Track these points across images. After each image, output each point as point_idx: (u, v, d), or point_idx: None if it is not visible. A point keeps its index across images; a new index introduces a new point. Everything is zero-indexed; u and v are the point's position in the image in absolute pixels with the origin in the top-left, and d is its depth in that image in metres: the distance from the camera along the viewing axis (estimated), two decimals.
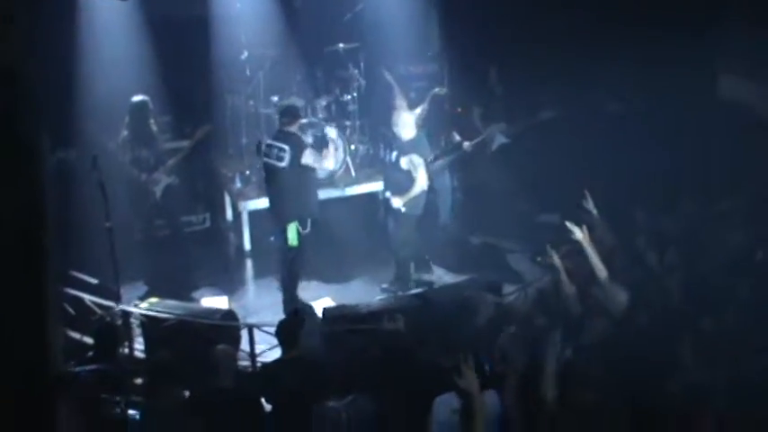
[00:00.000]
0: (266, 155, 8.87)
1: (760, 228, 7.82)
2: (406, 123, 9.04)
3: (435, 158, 9.75)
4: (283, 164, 8.74)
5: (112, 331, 7.17)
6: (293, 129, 8.90)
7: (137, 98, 9.42)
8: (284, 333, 6.70)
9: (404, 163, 8.94)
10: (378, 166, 11.01)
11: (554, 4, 10.02)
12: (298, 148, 8.77)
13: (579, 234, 7.04)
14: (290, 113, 8.98)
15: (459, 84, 10.82)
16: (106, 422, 5.45)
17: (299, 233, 8.83)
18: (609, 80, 9.82)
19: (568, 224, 7.12)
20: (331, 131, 9.69)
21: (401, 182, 9.05)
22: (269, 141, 8.95)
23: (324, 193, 10.36)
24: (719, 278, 6.92)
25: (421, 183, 8.98)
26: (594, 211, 7.73)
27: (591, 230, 7.20)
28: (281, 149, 8.76)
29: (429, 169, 9.15)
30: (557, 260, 7.03)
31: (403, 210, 9.06)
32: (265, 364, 7.00)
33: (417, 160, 8.94)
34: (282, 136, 8.86)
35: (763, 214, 8.09)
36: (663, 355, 5.59)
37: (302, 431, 5.59)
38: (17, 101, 2.67)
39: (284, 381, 6.29)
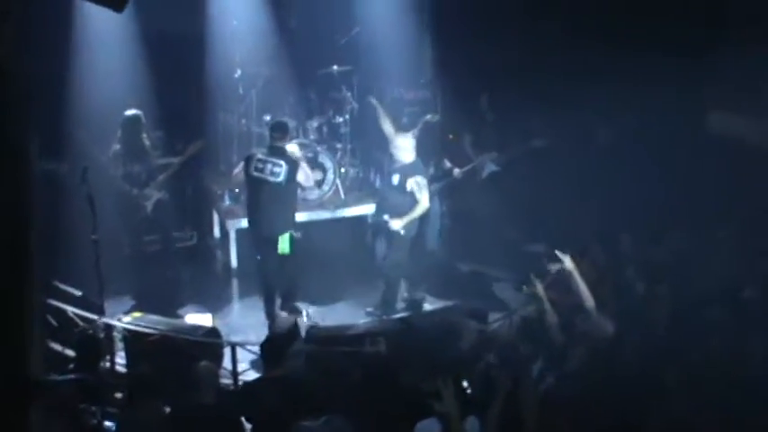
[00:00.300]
0: (258, 170, 8.90)
1: (748, 259, 7.87)
2: (407, 147, 9.14)
3: (430, 181, 9.79)
4: (279, 179, 8.86)
5: (94, 344, 7.13)
6: (285, 145, 8.98)
7: (130, 112, 9.42)
8: (269, 351, 6.67)
9: (410, 184, 9.02)
10: (367, 190, 11.05)
11: (547, 32, 10.09)
12: (293, 164, 8.93)
13: (568, 263, 7.07)
14: (281, 129, 9.09)
15: (451, 110, 10.85)
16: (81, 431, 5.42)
17: (292, 241, 8.96)
18: (600, 109, 9.88)
19: (558, 253, 7.15)
20: (322, 154, 9.77)
21: (401, 204, 9.12)
22: (260, 156, 8.99)
23: (313, 215, 10.41)
24: (706, 310, 6.94)
25: (424, 204, 9.12)
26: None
27: (579, 259, 7.23)
28: (277, 164, 8.86)
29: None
30: (540, 289, 7.05)
31: (402, 232, 9.11)
32: (247, 382, 6.97)
33: (422, 181, 9.10)
34: (276, 152, 8.94)
35: (750, 246, 8.14)
36: (646, 386, 5.59)
37: None
38: (6, 100, 2.67)
39: (265, 399, 6.26)
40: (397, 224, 9.09)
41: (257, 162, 8.94)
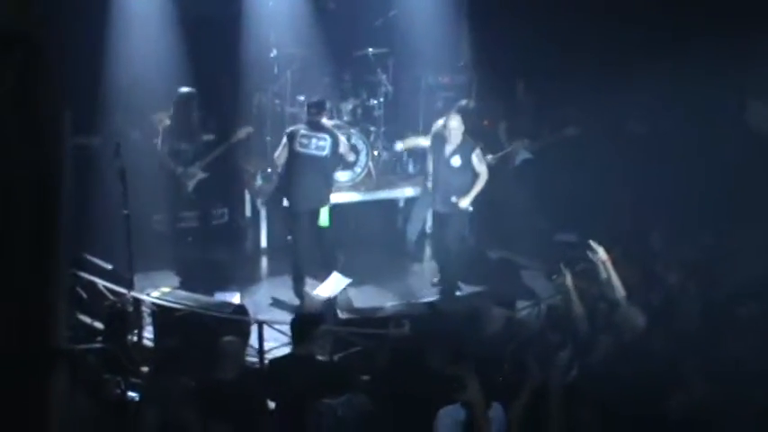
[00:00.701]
0: (304, 145, 9.07)
1: None
2: (457, 125, 9.16)
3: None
4: (324, 152, 9.11)
5: (122, 317, 7.20)
6: (324, 120, 9.19)
7: (184, 89, 9.42)
8: (298, 330, 6.66)
9: (475, 159, 9.17)
10: (400, 174, 11.03)
11: (586, 20, 9.97)
12: (336, 138, 9.22)
13: (602, 254, 7.03)
14: (318, 105, 9.27)
15: (486, 96, 10.78)
16: (105, 401, 5.46)
17: (331, 213, 9.29)
18: (636, 100, 9.76)
19: (592, 243, 7.11)
20: (355, 136, 9.83)
21: (464, 183, 9.24)
22: (304, 132, 9.12)
23: (344, 197, 10.42)
24: (737, 307, 6.87)
25: (485, 176, 9.25)
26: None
27: (612, 250, 7.18)
28: (322, 138, 9.10)
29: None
30: (569, 279, 7.01)
31: (470, 208, 9.39)
32: (274, 360, 6.94)
33: (480, 153, 9.24)
34: (317, 126, 9.14)
35: None
36: (672, 379, 5.54)
37: (300, 428, 5.57)
38: (36, 70, 2.67)
39: (291, 378, 6.26)
40: (465, 202, 9.24)
41: (302, 138, 9.08)
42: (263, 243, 10.48)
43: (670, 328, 6.42)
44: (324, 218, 9.25)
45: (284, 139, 9.25)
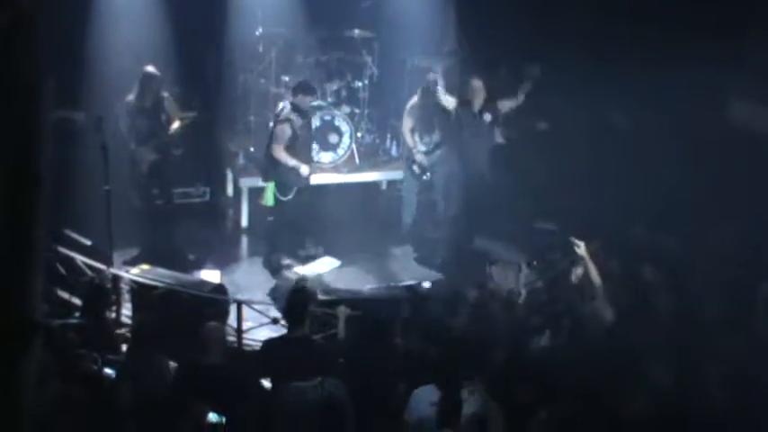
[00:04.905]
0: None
1: (757, 257, 7.83)
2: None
3: (435, 147, 9.76)
4: None
5: (101, 293, 7.18)
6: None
7: (149, 69, 9.38)
8: (295, 310, 6.59)
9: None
10: (382, 156, 11.04)
11: (572, 12, 9.98)
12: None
13: (582, 250, 7.06)
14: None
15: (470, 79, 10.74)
16: (82, 376, 5.46)
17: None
18: (620, 92, 9.79)
19: (573, 239, 7.14)
20: (339, 117, 9.83)
21: None
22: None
23: (326, 178, 10.42)
24: (710, 301, 6.95)
25: None
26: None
27: (590, 243, 7.23)
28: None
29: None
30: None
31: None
32: (269, 341, 6.79)
33: None
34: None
35: (762, 242, 8.09)
36: (637, 378, 5.59)
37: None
38: (20, 43, 2.67)
39: (287, 359, 6.23)
40: None
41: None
42: (244, 222, 10.47)
43: (641, 324, 6.49)
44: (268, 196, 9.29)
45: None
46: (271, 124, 9.53)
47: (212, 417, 5.43)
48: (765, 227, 8.41)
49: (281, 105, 9.36)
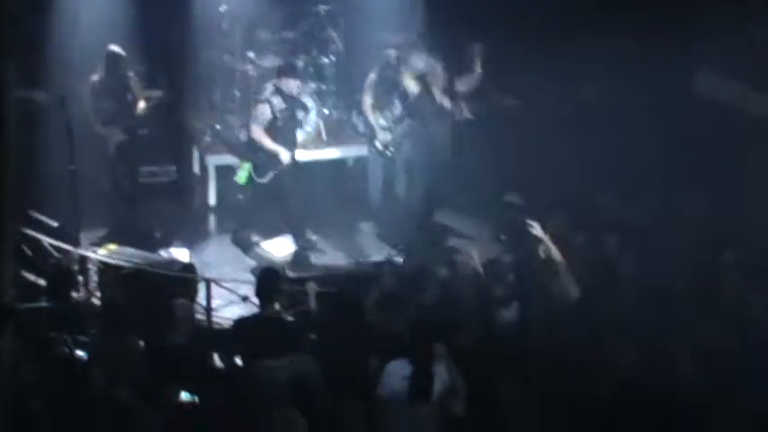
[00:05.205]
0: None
1: (721, 227, 7.94)
2: None
3: (396, 123, 9.77)
4: None
5: (68, 275, 7.14)
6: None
7: (113, 48, 9.27)
8: (266, 288, 6.57)
9: None
10: (349, 132, 11.01)
11: None
12: None
13: (537, 229, 7.10)
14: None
15: (436, 57, 10.74)
16: (53, 359, 5.45)
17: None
18: (587, 66, 9.83)
19: (529, 221, 7.17)
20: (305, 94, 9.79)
21: None
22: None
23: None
24: (675, 273, 7.04)
25: None
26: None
27: (551, 220, 7.28)
28: None
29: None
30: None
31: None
32: (241, 319, 6.80)
33: None
34: None
35: (726, 213, 8.21)
36: (605, 353, 5.66)
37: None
38: None
39: (259, 337, 6.24)
40: None
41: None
42: (212, 200, 10.43)
43: (607, 299, 6.57)
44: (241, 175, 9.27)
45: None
46: None
47: (184, 396, 5.44)
48: (729, 197, 8.53)
49: (266, 86, 9.29)
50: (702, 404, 4.68)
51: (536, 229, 7.09)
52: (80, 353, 5.77)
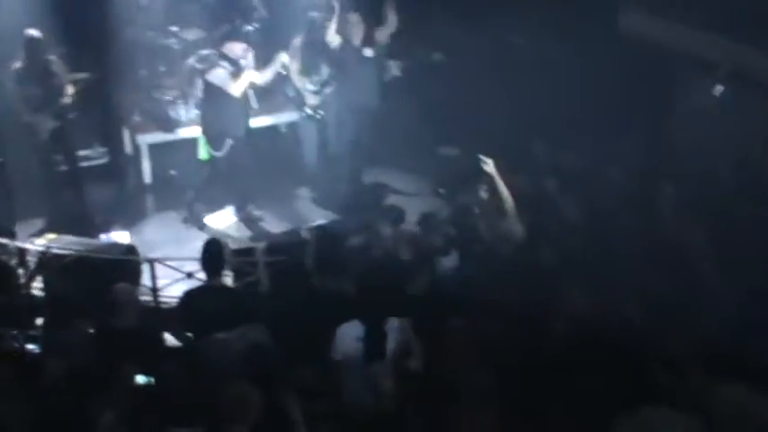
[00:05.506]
0: None
1: (657, 164, 8.09)
2: None
3: (323, 85, 9.75)
4: None
5: (6, 269, 7.04)
6: None
7: (30, 32, 9.04)
8: (211, 260, 6.60)
9: None
10: (280, 98, 10.93)
11: None
12: None
13: (490, 166, 7.18)
14: None
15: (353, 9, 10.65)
16: (4, 355, 5.41)
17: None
18: (516, 13, 9.87)
19: (482, 157, 7.24)
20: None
21: None
22: None
23: None
24: (614, 214, 7.17)
25: None
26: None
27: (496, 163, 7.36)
28: None
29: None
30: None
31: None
32: (188, 292, 6.78)
33: None
34: None
35: (657, 152, 8.36)
36: (553, 297, 5.75)
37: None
38: None
39: (208, 309, 6.26)
40: None
41: None
42: (147, 180, 10.32)
43: (551, 240, 6.67)
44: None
45: None
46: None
47: (140, 378, 5.44)
48: (663, 134, 8.70)
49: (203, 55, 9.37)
50: (647, 345, 4.77)
51: (489, 166, 7.16)
52: (31, 346, 5.73)
